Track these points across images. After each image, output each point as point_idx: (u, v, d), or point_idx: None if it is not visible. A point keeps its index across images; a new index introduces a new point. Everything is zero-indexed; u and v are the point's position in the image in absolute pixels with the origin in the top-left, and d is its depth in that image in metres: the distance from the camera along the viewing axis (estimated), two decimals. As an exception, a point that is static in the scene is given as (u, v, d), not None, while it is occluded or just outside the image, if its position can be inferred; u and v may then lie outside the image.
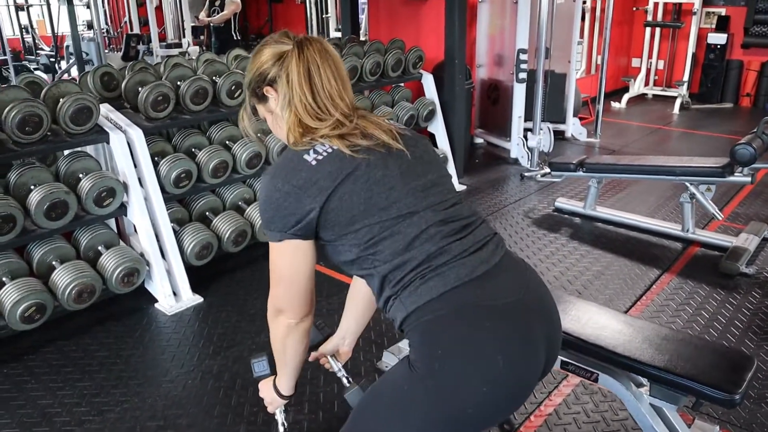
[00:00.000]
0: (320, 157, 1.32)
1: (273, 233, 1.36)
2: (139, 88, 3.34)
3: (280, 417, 1.73)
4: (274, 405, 1.67)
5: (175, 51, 8.79)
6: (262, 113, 1.50)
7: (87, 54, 7.63)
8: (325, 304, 3.21)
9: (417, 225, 1.33)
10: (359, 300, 1.77)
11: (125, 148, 3.20)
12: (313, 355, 1.81)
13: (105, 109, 3.33)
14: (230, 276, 3.61)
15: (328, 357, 1.83)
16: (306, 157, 1.33)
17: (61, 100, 3.01)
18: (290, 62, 1.37)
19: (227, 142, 3.72)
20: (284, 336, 1.47)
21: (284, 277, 1.40)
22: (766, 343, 2.84)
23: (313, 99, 1.36)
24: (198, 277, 3.48)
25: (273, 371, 1.64)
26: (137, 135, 3.23)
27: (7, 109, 2.80)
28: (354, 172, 1.31)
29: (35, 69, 8.89)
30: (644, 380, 2.03)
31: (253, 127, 1.55)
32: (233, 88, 3.60)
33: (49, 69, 8.39)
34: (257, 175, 3.75)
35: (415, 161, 1.40)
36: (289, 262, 1.39)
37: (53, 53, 9.53)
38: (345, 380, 1.74)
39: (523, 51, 5.41)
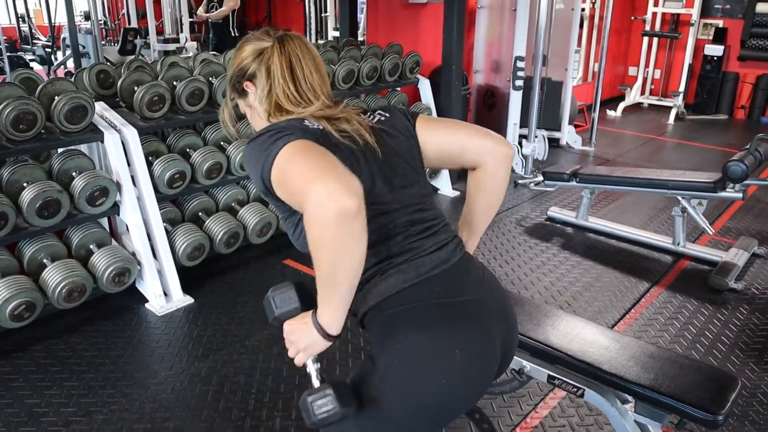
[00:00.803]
0: (312, 127, 1.33)
1: (275, 151, 1.21)
2: (135, 88, 3.34)
3: (313, 368, 1.31)
4: (311, 350, 1.28)
5: (172, 46, 8.76)
6: (242, 107, 1.52)
7: (84, 47, 7.59)
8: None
9: (386, 225, 1.35)
10: (477, 192, 1.57)
11: (119, 148, 3.19)
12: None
13: (100, 107, 3.33)
14: (221, 277, 3.61)
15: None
16: (292, 121, 1.34)
17: (56, 98, 3.00)
18: (271, 56, 1.40)
19: (222, 143, 3.72)
20: (344, 229, 1.08)
21: (316, 167, 1.15)
22: (752, 360, 2.86)
23: (295, 89, 1.40)
24: (189, 278, 3.48)
25: (304, 305, 1.30)
26: (132, 135, 3.23)
27: (1, 106, 2.79)
28: (342, 156, 1.26)
29: (31, 60, 8.85)
30: (629, 397, 2.05)
31: (232, 122, 1.57)
32: (230, 89, 3.59)
33: (44, 60, 8.35)
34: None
35: (387, 160, 1.38)
36: (314, 152, 1.20)
37: (50, 43, 9.49)
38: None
39: (521, 58, 5.42)
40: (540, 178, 4.48)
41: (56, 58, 8.95)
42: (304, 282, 1.33)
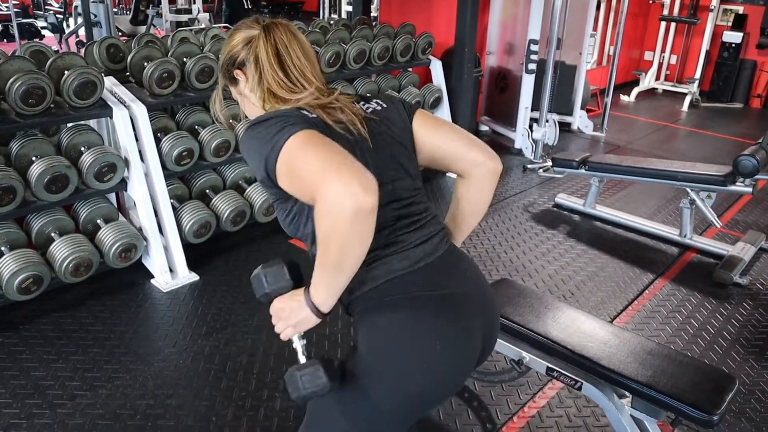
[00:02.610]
0: (309, 116, 1.33)
1: (281, 141, 1.21)
2: (145, 63, 3.33)
3: (299, 344, 1.35)
4: (302, 327, 1.31)
5: (185, 17, 8.72)
6: (235, 95, 1.53)
7: (95, 15, 7.57)
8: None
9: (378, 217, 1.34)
10: (463, 200, 1.57)
11: (128, 124, 3.20)
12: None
13: (109, 82, 3.33)
14: (227, 255, 3.64)
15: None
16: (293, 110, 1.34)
17: (65, 72, 3.00)
18: (258, 44, 1.40)
19: (231, 121, 3.71)
20: (353, 229, 1.12)
21: (331, 161, 1.15)
22: (752, 356, 2.87)
23: (285, 75, 1.40)
24: (195, 255, 3.51)
25: (296, 282, 1.32)
26: (141, 111, 3.23)
27: (11, 80, 2.80)
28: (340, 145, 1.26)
29: (42, 28, 8.82)
30: (627, 392, 2.06)
31: (224, 111, 1.58)
32: (239, 67, 3.58)
33: (56, 28, 8.32)
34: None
35: (379, 151, 1.39)
36: (325, 144, 1.20)
37: (62, 10, 9.45)
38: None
39: (534, 42, 5.36)
40: (549, 163, 4.46)
41: (68, 26, 8.93)
42: (293, 260, 1.35)
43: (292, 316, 1.30)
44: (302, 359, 1.33)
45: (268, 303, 1.34)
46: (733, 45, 7.87)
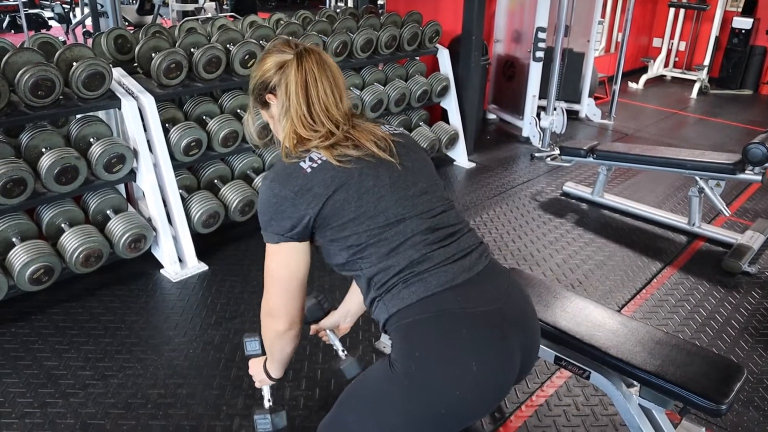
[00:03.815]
0: (315, 165, 1.38)
1: (270, 235, 1.41)
2: (153, 54, 3.33)
3: (266, 392, 1.80)
4: (264, 383, 1.74)
5: (191, 6, 8.71)
6: (265, 118, 1.56)
7: (102, 5, 7.57)
8: (328, 279, 3.25)
9: (402, 233, 1.38)
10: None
11: (136, 115, 3.21)
12: (313, 328, 1.92)
13: (118, 73, 3.33)
14: (235, 245, 3.66)
15: (327, 331, 1.92)
16: (302, 164, 1.39)
17: (74, 64, 3.01)
18: (289, 72, 1.42)
19: (238, 111, 3.73)
20: (273, 339, 1.54)
21: (279, 279, 1.44)
22: (761, 345, 2.87)
23: (308, 110, 1.42)
24: (204, 245, 3.53)
25: (264, 352, 1.71)
26: (149, 102, 3.24)
27: (20, 72, 2.81)
28: (347, 181, 1.37)
29: (49, 18, 8.82)
30: (635, 381, 2.07)
31: (257, 132, 1.62)
32: (246, 57, 3.58)
33: (63, 19, 8.32)
34: (266, 145, 3.75)
35: (405, 171, 1.44)
36: (285, 264, 1.43)
37: (68, 0, 9.45)
38: (342, 353, 1.82)
39: (542, 29, 5.32)
40: (557, 152, 4.45)
41: (75, 16, 8.93)
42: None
43: (256, 375, 1.73)
44: (266, 404, 1.78)
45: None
46: (743, 31, 7.79)
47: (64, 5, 8.91)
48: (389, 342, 1.44)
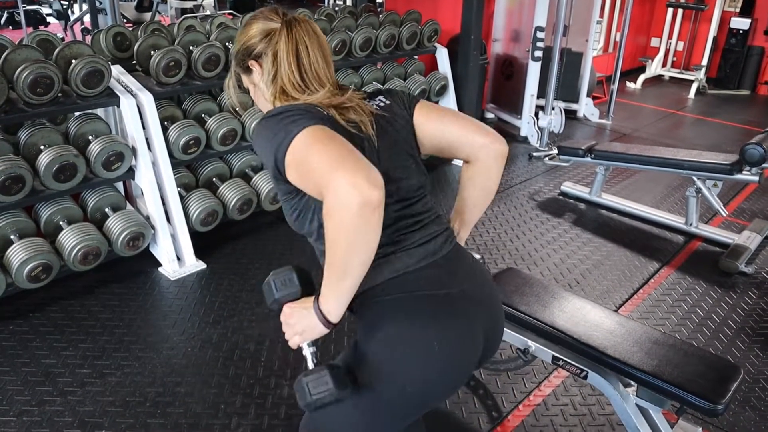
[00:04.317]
0: (323, 112, 1.33)
1: (293, 133, 1.22)
2: (152, 52, 3.33)
3: (308, 351, 1.36)
4: (309, 335, 1.31)
5: (189, 3, 8.70)
6: (246, 83, 1.52)
7: (100, 2, 7.55)
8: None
9: None
10: (470, 185, 1.58)
11: (135, 113, 3.21)
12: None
13: (116, 71, 3.33)
14: (234, 244, 3.66)
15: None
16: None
17: (73, 61, 3.00)
18: (278, 40, 1.39)
19: (237, 109, 3.72)
20: (359, 224, 1.12)
21: (339, 156, 1.16)
22: (757, 345, 2.88)
23: (300, 77, 1.39)
24: (202, 243, 3.53)
25: (304, 290, 1.33)
26: (148, 100, 3.23)
27: (19, 69, 2.80)
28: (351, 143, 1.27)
29: (47, 15, 8.79)
30: (632, 381, 2.08)
31: (236, 92, 1.56)
32: (245, 55, 3.58)
33: (61, 15, 8.29)
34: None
35: (385, 149, 1.40)
36: (335, 140, 1.21)
37: (66, -3, 9.42)
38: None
39: (541, 29, 5.32)
40: (555, 151, 4.45)
41: (73, 13, 8.90)
42: (303, 268, 1.37)
43: (300, 323, 1.30)
44: (311, 366, 1.33)
45: (278, 310, 1.35)
46: (741, 31, 7.80)
47: (62, 2, 8.87)
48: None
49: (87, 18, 7.47)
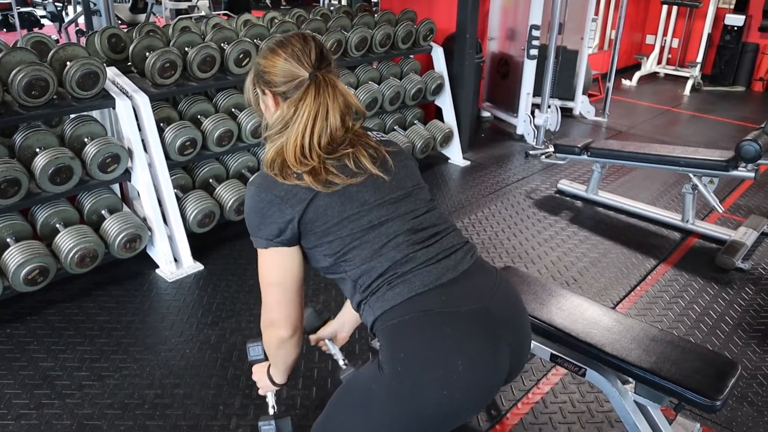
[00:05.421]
0: (303, 196, 1.37)
1: (259, 240, 1.41)
2: (147, 53, 3.33)
3: (271, 400, 1.81)
4: (267, 389, 1.75)
5: (184, 4, 8.69)
6: (260, 102, 1.52)
7: (95, 4, 7.54)
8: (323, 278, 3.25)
9: (385, 234, 1.38)
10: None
11: (131, 114, 3.20)
12: (312, 338, 1.90)
13: (112, 73, 3.33)
14: (231, 244, 3.65)
15: (326, 341, 1.90)
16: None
17: (68, 63, 2.99)
18: (304, 99, 1.37)
19: (233, 110, 3.72)
20: (276, 347, 1.53)
21: (274, 284, 1.44)
22: (754, 341, 2.89)
23: (309, 141, 1.37)
24: (199, 245, 3.52)
25: (267, 358, 1.69)
26: (143, 101, 3.23)
27: (13, 72, 2.79)
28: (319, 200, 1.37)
29: (42, 16, 8.77)
30: (630, 378, 2.08)
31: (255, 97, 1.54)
32: (241, 56, 3.58)
33: (55, 17, 8.28)
34: (261, 144, 3.75)
35: (391, 176, 1.44)
36: (277, 266, 1.43)
37: (61, -1, 9.40)
38: (342, 362, 1.81)
39: (536, 27, 5.34)
40: (551, 149, 4.46)
41: (67, 14, 8.88)
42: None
43: (260, 381, 1.74)
44: (270, 411, 1.79)
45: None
46: (735, 28, 7.83)
47: (56, 3, 8.85)
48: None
49: (81, 20, 7.46)
